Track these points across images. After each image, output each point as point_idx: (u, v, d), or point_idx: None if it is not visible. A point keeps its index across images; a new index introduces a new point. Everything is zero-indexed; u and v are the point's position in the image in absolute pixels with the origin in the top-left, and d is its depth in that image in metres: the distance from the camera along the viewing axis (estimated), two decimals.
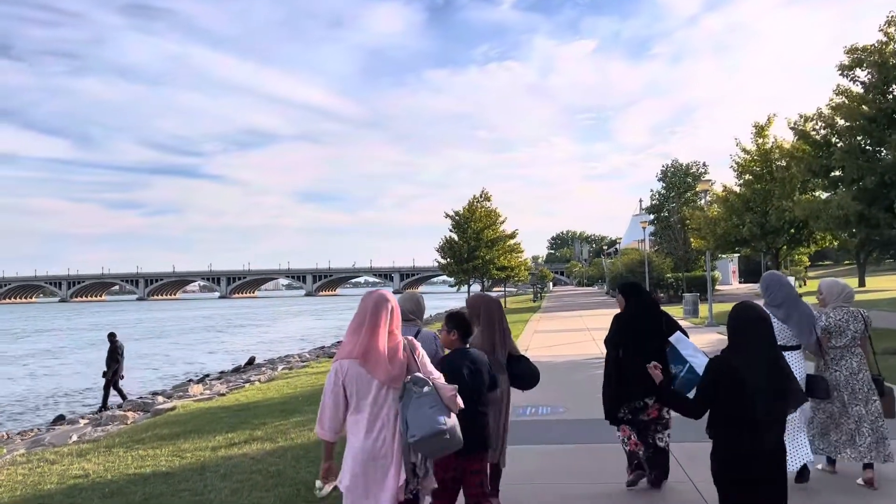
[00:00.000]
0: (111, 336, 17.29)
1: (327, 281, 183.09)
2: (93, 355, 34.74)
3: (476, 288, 37.37)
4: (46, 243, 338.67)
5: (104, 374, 17.06)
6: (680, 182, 46.38)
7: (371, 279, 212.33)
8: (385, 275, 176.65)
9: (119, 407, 16.41)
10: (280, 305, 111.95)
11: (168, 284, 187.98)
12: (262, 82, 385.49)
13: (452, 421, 3.65)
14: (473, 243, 33.77)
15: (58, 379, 26.37)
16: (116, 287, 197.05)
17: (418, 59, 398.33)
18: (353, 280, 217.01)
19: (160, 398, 16.18)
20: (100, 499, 6.37)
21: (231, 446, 8.57)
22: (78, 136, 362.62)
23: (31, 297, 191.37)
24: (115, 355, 16.91)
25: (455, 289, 39.33)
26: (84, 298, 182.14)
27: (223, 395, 14.66)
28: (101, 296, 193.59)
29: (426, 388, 3.65)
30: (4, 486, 7.03)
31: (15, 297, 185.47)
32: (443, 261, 35.64)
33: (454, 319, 4.39)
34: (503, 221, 35.88)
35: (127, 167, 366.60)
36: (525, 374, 5.40)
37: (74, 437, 10.22)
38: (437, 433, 3.56)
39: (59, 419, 17.04)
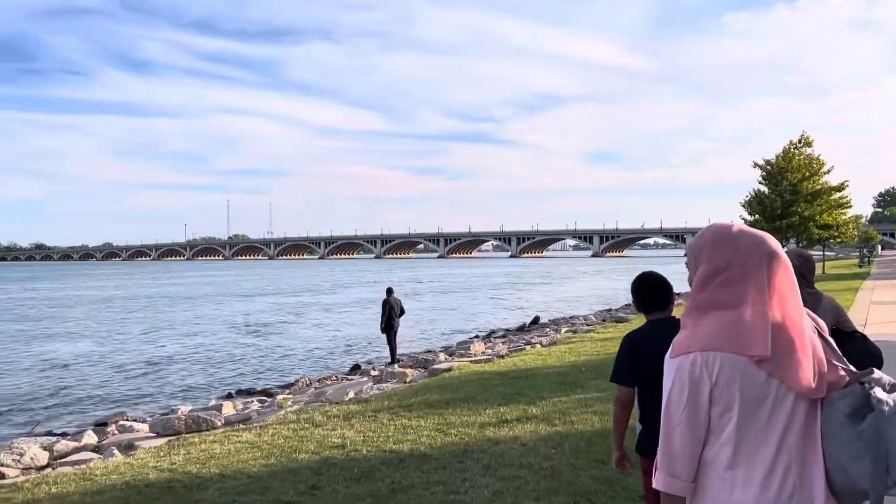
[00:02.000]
0: (387, 291, 17.48)
1: (614, 242, 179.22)
2: (408, 305, 36.91)
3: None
4: (363, 206, 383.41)
5: (382, 329, 17.35)
6: None
7: (661, 240, 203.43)
8: (676, 236, 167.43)
9: (389, 364, 16.50)
10: (567, 265, 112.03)
11: (464, 244, 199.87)
12: (552, 45, 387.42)
13: None
14: (789, 197, 28.82)
15: (371, 327, 28.00)
16: (421, 245, 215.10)
17: (717, 3, 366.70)
18: (641, 241, 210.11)
19: (442, 356, 15.89)
20: (344, 482, 5.48)
21: (501, 424, 7.33)
22: (387, 108, 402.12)
23: (351, 254, 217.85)
24: (384, 309, 17.06)
25: None
26: (394, 255, 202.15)
27: (502, 357, 13.74)
28: (407, 253, 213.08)
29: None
30: (262, 450, 6.57)
31: (340, 254, 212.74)
32: (749, 217, 31.13)
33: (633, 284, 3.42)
34: (827, 171, 30.18)
35: (429, 136, 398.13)
36: (861, 354, 3.68)
37: (350, 394, 9.92)
38: None
39: (356, 368, 17.74)
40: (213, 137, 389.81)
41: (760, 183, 30.64)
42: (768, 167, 30.05)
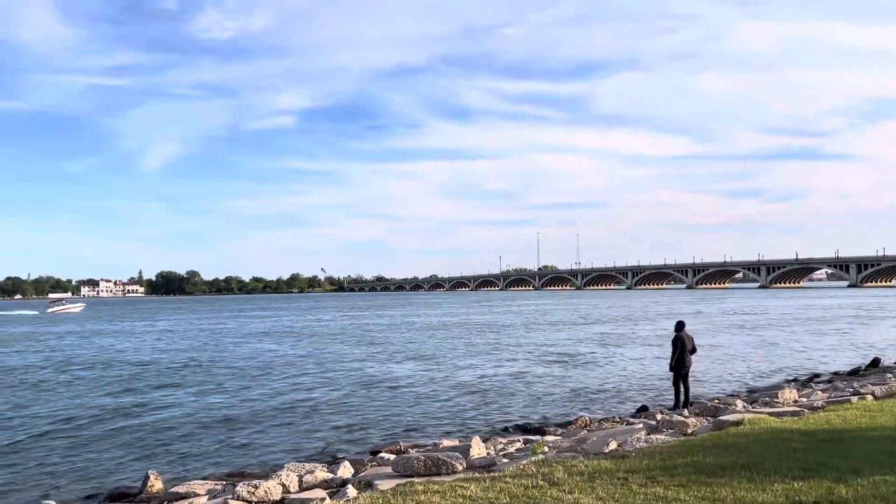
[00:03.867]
0: (678, 325, 15.48)
1: None
2: (721, 339, 33.99)
3: None
4: (672, 233, 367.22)
5: (671, 368, 15.43)
6: None
7: None
8: None
9: (675, 407, 14.51)
10: None
11: (791, 272, 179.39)
12: (890, 44, 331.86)
13: None
14: None
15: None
16: (739, 274, 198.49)
17: None
18: None
19: (739, 403, 13.50)
20: None
21: None
22: (697, 131, 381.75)
23: (660, 284, 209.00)
24: (675, 346, 15.07)
25: None
26: (708, 285, 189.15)
27: (815, 409, 11.14)
28: (723, 283, 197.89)
29: None
30: None
31: (648, 284, 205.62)
32: None
33: None
34: None
35: (744, 156, 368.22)
36: None
37: (612, 445, 8.64)
38: None
39: (642, 410, 16.18)
40: (526, 175, 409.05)
41: None
42: None
